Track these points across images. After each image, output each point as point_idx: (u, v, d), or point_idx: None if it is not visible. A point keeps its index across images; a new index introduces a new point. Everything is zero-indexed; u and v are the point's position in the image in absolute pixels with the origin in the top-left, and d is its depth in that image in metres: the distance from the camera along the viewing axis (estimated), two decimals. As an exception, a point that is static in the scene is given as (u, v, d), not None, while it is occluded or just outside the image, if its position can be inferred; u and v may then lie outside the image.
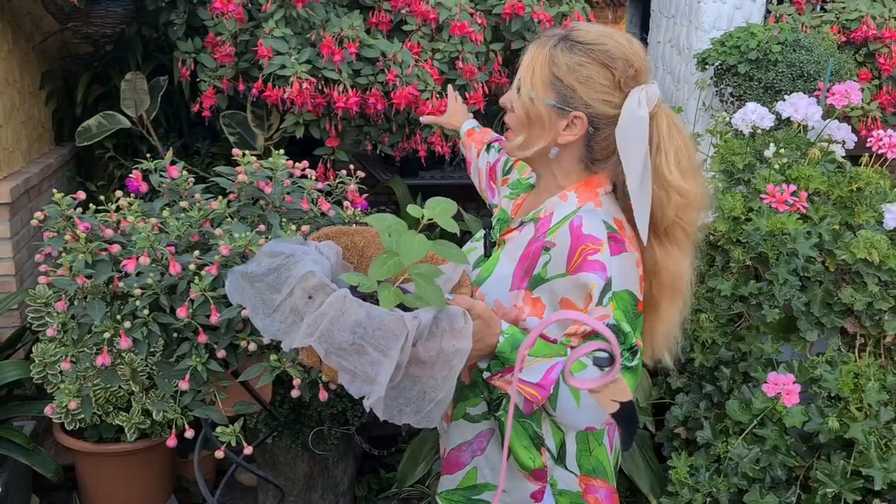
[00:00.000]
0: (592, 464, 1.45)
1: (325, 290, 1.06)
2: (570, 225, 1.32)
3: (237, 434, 1.63)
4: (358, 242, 1.33)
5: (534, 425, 1.41)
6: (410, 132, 3.11)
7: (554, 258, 1.31)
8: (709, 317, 2.10)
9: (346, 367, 1.03)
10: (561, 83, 1.32)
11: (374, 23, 2.99)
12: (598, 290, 1.24)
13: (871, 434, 1.86)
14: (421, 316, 1.06)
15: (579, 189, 1.38)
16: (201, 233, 1.69)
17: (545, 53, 1.34)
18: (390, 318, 1.03)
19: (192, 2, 3.08)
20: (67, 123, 3.60)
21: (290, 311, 1.07)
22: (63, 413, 2.40)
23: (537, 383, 1.18)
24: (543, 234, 1.36)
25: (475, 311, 1.16)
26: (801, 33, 3.25)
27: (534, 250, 1.36)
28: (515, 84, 1.38)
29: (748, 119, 2.02)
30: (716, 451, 1.97)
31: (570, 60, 1.31)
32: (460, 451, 1.50)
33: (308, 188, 1.84)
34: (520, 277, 1.36)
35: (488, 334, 1.18)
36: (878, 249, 1.88)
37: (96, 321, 1.55)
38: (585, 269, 1.26)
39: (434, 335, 1.07)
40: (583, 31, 1.35)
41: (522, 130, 1.38)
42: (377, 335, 1.02)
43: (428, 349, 1.06)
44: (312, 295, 1.06)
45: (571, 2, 3.19)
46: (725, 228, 2.05)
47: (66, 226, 1.62)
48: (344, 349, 1.02)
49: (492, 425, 1.45)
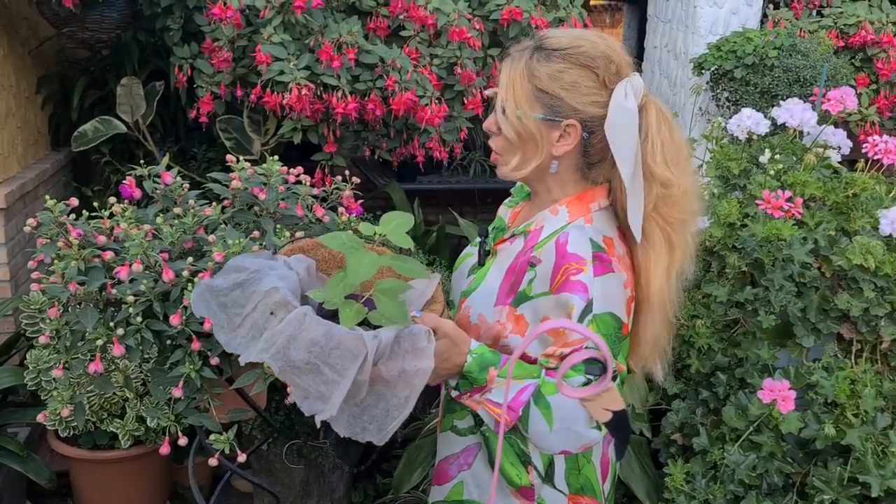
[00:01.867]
0: (581, 482, 1.41)
1: (286, 307, 1.05)
2: (556, 241, 1.29)
3: (231, 442, 1.62)
4: (336, 254, 1.31)
5: (520, 442, 1.37)
6: (408, 137, 3.11)
7: (539, 275, 1.28)
8: (705, 322, 2.10)
9: (299, 385, 1.02)
10: (546, 94, 1.28)
11: (372, 28, 2.99)
12: (577, 312, 1.21)
13: (868, 440, 1.85)
14: (381, 335, 1.04)
15: (571, 204, 1.35)
16: (195, 239, 1.69)
17: (521, 68, 1.29)
18: (349, 338, 1.01)
19: (188, 7, 3.08)
20: (63, 128, 3.60)
21: (250, 327, 1.07)
22: (56, 420, 2.39)
23: (507, 405, 1.16)
24: (531, 248, 1.33)
25: (441, 330, 1.14)
26: (797, 38, 3.25)
27: (520, 265, 1.33)
28: (498, 106, 1.33)
29: (744, 125, 2.02)
30: (712, 457, 1.97)
31: (551, 69, 1.28)
32: (448, 464, 1.47)
33: (303, 194, 1.84)
34: (505, 293, 1.33)
35: (455, 353, 1.17)
36: (874, 255, 1.88)
37: (89, 328, 1.54)
38: (567, 289, 1.23)
39: (396, 354, 1.05)
40: (555, 38, 1.31)
41: (515, 152, 1.33)
42: (334, 354, 1.01)
43: (389, 368, 1.05)
44: (274, 311, 1.05)
45: (569, 7, 3.19)
46: (721, 234, 2.05)
47: (59, 232, 1.61)
48: (298, 367, 1.01)
49: (479, 439, 1.43)
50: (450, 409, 1.47)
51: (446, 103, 2.90)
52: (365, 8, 3.01)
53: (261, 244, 1.67)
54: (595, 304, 1.22)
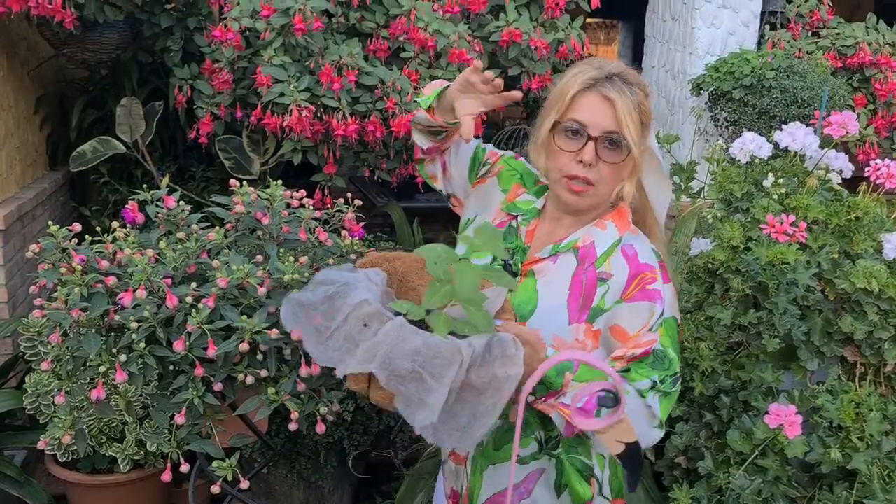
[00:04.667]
0: (618, 486, 1.46)
1: (380, 318, 1.07)
2: (623, 254, 1.34)
3: (233, 469, 1.61)
4: (398, 268, 1.34)
5: (582, 457, 1.40)
6: (408, 158, 3.11)
7: (612, 288, 1.33)
8: (708, 345, 2.09)
9: (402, 393, 1.04)
10: (643, 125, 1.36)
11: (372, 50, 3.00)
12: (656, 318, 1.28)
13: (874, 464, 1.84)
14: (474, 343, 1.07)
15: (614, 218, 1.40)
16: (198, 264, 1.68)
17: (629, 99, 1.33)
18: (446, 346, 1.04)
19: (189, 28, 3.09)
20: (62, 148, 3.60)
21: (344, 339, 1.08)
22: (56, 445, 2.36)
23: (581, 407, 1.18)
24: (591, 264, 1.36)
25: (524, 337, 1.15)
26: (794, 59, 3.27)
27: (587, 282, 1.35)
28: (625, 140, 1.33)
29: (746, 148, 2.02)
30: (717, 481, 1.95)
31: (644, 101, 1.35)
32: (503, 497, 1.42)
33: (306, 218, 1.83)
34: (577, 310, 1.34)
35: (536, 360, 1.17)
36: (878, 278, 1.88)
37: (91, 354, 1.53)
38: (645, 297, 1.29)
39: (487, 362, 1.08)
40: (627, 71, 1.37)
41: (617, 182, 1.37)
42: (434, 363, 1.03)
43: (480, 375, 1.07)
44: (367, 322, 1.07)
45: (567, 28, 3.21)
46: (724, 257, 2.04)
47: (62, 258, 1.60)
48: (403, 376, 1.03)
49: (542, 465, 1.41)
50: (505, 438, 1.43)
51: (446, 124, 2.91)
52: (365, 30, 3.03)
53: (264, 268, 1.66)
54: (665, 309, 1.30)
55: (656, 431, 1.28)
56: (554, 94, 1.38)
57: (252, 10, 2.76)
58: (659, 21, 3.99)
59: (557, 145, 1.35)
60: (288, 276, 1.61)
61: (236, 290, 1.60)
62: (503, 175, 1.54)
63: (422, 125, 1.47)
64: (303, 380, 1.62)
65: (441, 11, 2.98)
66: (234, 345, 1.53)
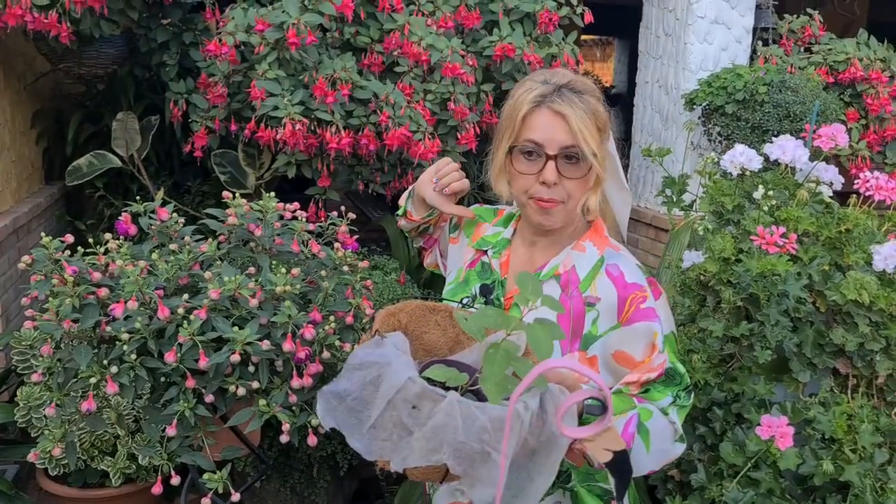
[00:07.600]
0: (633, 500, 1.48)
1: (431, 398, 0.96)
2: (608, 275, 1.31)
3: (224, 481, 1.60)
4: (402, 321, 1.25)
5: (601, 483, 1.38)
6: (402, 171, 3.12)
7: (602, 312, 1.30)
8: (701, 357, 2.09)
9: (470, 475, 0.95)
10: (601, 132, 1.30)
11: (366, 64, 3.02)
12: (660, 337, 1.27)
13: (867, 476, 1.84)
14: (530, 404, 0.99)
15: (591, 237, 1.37)
16: (191, 275, 1.68)
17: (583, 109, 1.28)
18: (508, 417, 0.95)
19: (184, 43, 3.10)
20: (58, 162, 3.61)
21: (393, 426, 0.97)
22: (47, 458, 2.35)
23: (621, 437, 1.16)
24: (576, 289, 1.32)
25: (566, 383, 1.10)
26: (786, 74, 3.29)
27: (575, 309, 1.31)
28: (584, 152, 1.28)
29: (737, 161, 2.03)
30: (710, 494, 1.95)
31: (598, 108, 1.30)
32: None
33: (298, 230, 1.83)
34: (568, 340, 1.31)
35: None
36: (868, 290, 1.88)
37: (82, 366, 1.53)
38: (641, 318, 1.27)
39: (541, 419, 1.00)
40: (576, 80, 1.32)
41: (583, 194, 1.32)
42: (499, 436, 0.95)
43: (536, 435, 0.99)
44: (417, 405, 0.96)
45: (560, 43, 3.23)
46: (716, 269, 2.05)
47: (54, 269, 1.60)
48: (473, 459, 0.94)
49: (557, 498, 1.39)
50: None
51: (440, 138, 2.92)
52: (359, 44, 3.05)
53: (256, 280, 1.67)
54: (664, 325, 1.29)
55: (679, 445, 1.28)
56: (504, 116, 1.34)
57: (247, 24, 2.78)
58: (652, 37, 4.03)
59: (516, 169, 1.31)
60: (280, 288, 1.61)
61: (228, 301, 1.60)
62: (466, 225, 1.55)
63: (408, 230, 1.59)
64: (294, 391, 1.62)
65: (435, 26, 3.01)
66: (226, 356, 1.53)
